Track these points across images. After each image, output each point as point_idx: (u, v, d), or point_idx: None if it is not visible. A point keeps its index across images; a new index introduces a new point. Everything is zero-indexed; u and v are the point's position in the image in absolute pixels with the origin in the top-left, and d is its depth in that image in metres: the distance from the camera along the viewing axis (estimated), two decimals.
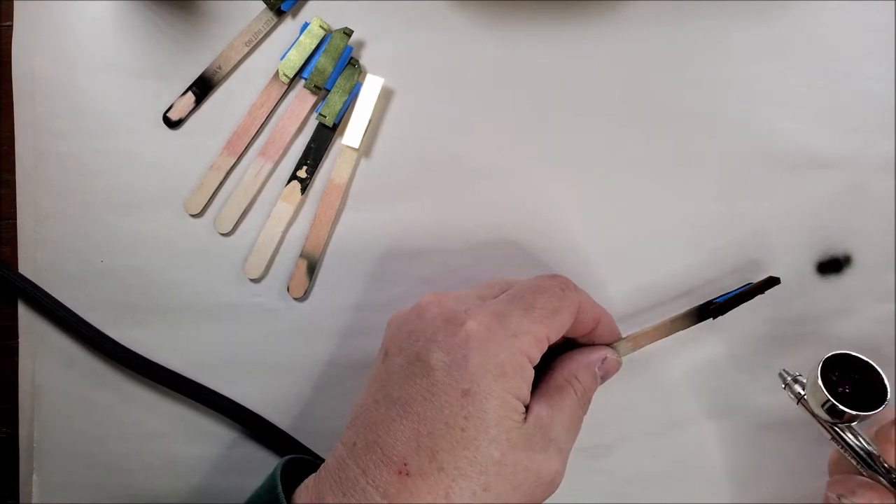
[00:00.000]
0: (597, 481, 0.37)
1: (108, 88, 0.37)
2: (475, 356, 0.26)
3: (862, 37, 0.36)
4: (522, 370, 0.27)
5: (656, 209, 0.36)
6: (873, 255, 0.36)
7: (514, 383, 0.27)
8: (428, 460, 0.25)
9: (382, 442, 0.26)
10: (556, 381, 0.30)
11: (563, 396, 0.29)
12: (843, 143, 0.36)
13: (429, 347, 0.27)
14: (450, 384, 0.26)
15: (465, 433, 0.26)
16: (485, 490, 0.26)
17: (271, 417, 0.36)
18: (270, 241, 0.37)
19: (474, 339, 0.27)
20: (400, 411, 0.27)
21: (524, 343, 0.27)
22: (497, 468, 0.26)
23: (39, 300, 0.36)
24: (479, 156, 0.37)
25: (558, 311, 0.28)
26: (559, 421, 0.28)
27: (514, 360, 0.27)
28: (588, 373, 0.30)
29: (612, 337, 0.32)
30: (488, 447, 0.26)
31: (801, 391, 0.31)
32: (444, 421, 0.26)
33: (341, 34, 0.36)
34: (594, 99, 0.37)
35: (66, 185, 0.37)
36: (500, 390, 0.26)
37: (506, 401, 0.26)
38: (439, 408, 0.26)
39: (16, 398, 0.37)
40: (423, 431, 0.26)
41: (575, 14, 0.37)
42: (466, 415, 0.26)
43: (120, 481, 0.37)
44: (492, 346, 0.27)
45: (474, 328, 0.27)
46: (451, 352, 0.27)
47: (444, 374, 0.26)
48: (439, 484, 0.25)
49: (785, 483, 0.36)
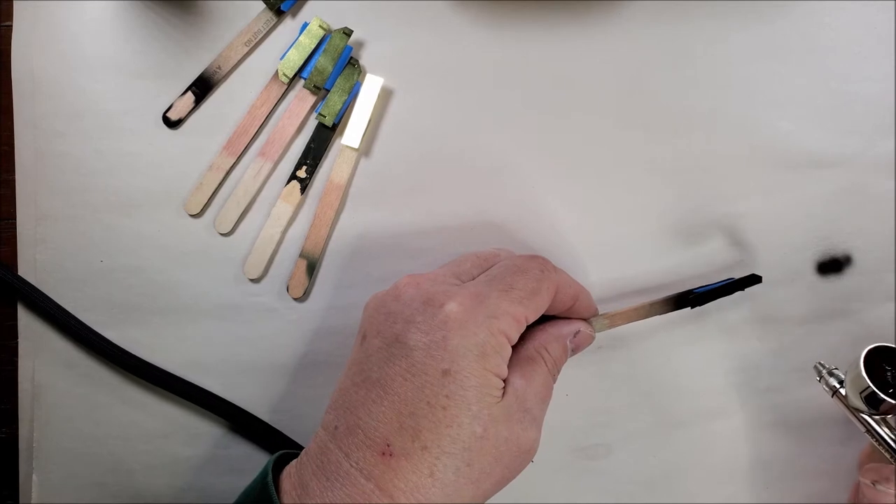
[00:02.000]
0: (597, 481, 0.37)
1: (108, 88, 0.37)
2: (454, 337, 0.27)
3: (862, 37, 0.36)
4: (501, 349, 0.28)
5: (656, 209, 0.36)
6: (873, 255, 0.36)
7: (493, 362, 0.27)
8: (411, 440, 0.26)
9: (364, 424, 0.26)
10: (528, 351, 0.30)
11: (534, 367, 0.30)
12: (843, 143, 0.36)
13: (408, 329, 0.27)
14: (430, 364, 0.26)
15: (447, 412, 0.26)
16: (468, 465, 0.26)
17: (270, 417, 0.36)
18: (270, 241, 0.37)
19: (453, 320, 0.27)
20: (380, 392, 0.27)
21: (503, 323, 0.27)
22: (479, 443, 0.26)
23: (38, 303, 0.36)
24: (479, 155, 0.37)
25: (537, 293, 0.29)
26: (532, 391, 0.29)
27: (492, 339, 0.27)
28: (559, 345, 0.31)
29: (590, 313, 0.33)
30: (470, 424, 0.26)
31: (836, 384, 0.32)
32: (426, 401, 0.26)
33: (341, 34, 0.36)
34: (594, 99, 0.37)
35: (66, 185, 0.37)
36: (479, 369, 0.27)
37: (486, 379, 0.27)
38: (420, 388, 0.26)
39: (16, 398, 0.37)
40: (404, 412, 0.26)
41: (575, 14, 0.37)
42: (447, 394, 0.26)
43: (120, 481, 0.37)
44: (471, 326, 0.27)
45: (453, 309, 0.27)
46: (430, 332, 0.27)
47: (424, 355, 0.27)
48: (423, 462, 0.26)
49: (785, 482, 0.36)
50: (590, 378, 0.36)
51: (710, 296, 0.32)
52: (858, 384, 0.30)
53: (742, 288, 0.32)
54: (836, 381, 0.32)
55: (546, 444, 0.36)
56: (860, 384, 0.30)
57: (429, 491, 0.26)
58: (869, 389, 0.30)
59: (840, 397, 0.32)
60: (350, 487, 0.26)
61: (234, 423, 0.36)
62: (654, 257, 0.36)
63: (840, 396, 0.32)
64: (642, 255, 0.36)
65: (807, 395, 0.36)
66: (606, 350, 0.36)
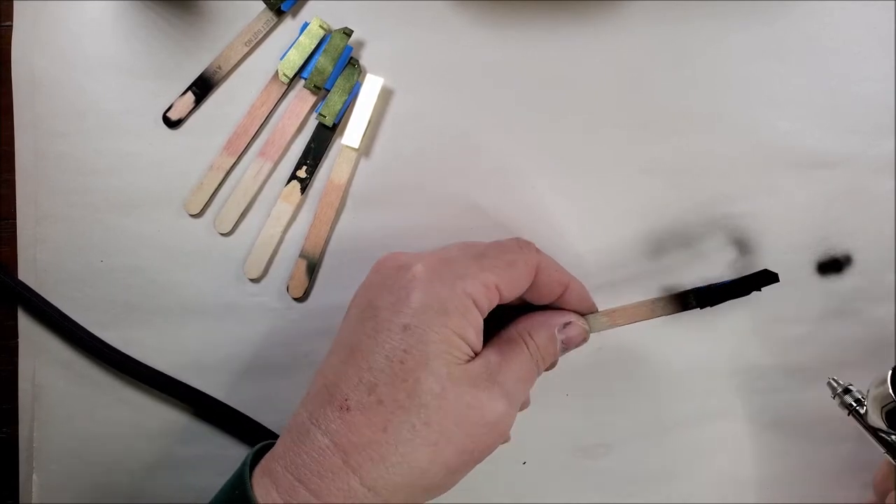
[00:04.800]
0: (597, 481, 0.37)
1: (108, 88, 0.37)
2: (417, 294, 0.27)
3: (862, 37, 0.36)
4: (467, 311, 0.27)
5: (656, 208, 0.36)
6: (873, 255, 0.36)
7: (456, 321, 0.27)
8: (367, 394, 0.26)
9: (330, 384, 0.27)
10: (509, 333, 0.30)
11: (514, 347, 0.29)
12: (843, 143, 0.36)
13: (379, 293, 0.28)
14: (392, 320, 0.27)
15: (405, 365, 0.26)
16: (425, 424, 0.26)
17: (270, 417, 0.36)
18: (270, 240, 0.37)
19: (418, 279, 0.27)
20: (347, 353, 0.27)
21: (469, 286, 0.27)
22: (437, 402, 0.26)
23: (37, 306, 0.36)
24: (479, 155, 0.37)
25: (513, 265, 0.29)
26: (509, 370, 0.28)
27: (457, 299, 0.27)
28: (544, 332, 0.30)
29: (584, 307, 0.32)
30: (427, 379, 0.26)
31: (852, 402, 0.31)
32: (385, 354, 0.26)
33: (341, 34, 0.36)
34: (594, 99, 0.37)
35: (66, 185, 0.37)
36: (440, 326, 0.26)
37: (447, 337, 0.26)
38: (381, 343, 0.26)
39: (16, 398, 0.37)
40: (364, 367, 0.26)
41: (575, 14, 0.37)
42: (406, 348, 0.26)
43: (120, 481, 0.37)
44: (436, 284, 0.27)
45: (420, 269, 0.27)
46: (395, 292, 0.27)
47: (388, 312, 0.27)
48: (378, 416, 0.26)
49: (785, 483, 0.36)
50: (590, 378, 0.36)
51: (723, 295, 0.31)
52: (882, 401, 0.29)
53: (759, 287, 0.30)
54: (852, 400, 0.31)
55: (546, 444, 0.36)
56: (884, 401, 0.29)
57: (382, 447, 0.25)
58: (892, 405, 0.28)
59: (857, 416, 0.30)
60: (309, 445, 0.26)
61: (237, 430, 0.36)
62: (654, 257, 0.36)
63: (857, 415, 0.30)
64: (642, 254, 0.36)
65: (807, 395, 0.36)
66: (606, 350, 0.36)
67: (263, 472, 0.27)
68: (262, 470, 0.27)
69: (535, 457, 0.37)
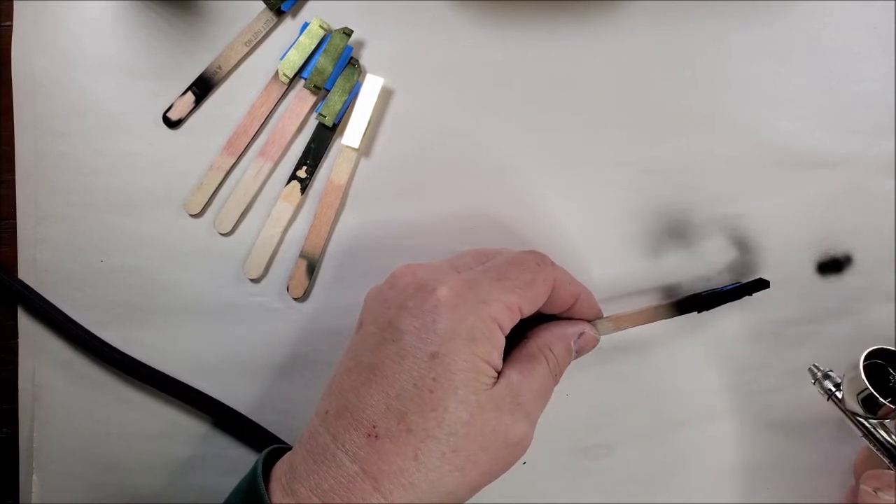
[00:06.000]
0: (597, 481, 0.37)
1: (108, 88, 0.37)
2: (444, 320, 0.27)
3: (862, 37, 0.36)
4: (492, 336, 0.27)
5: (656, 208, 0.36)
6: (873, 255, 0.36)
7: (483, 348, 0.27)
8: (396, 422, 0.26)
9: (352, 407, 0.26)
10: (530, 349, 0.30)
11: (535, 364, 0.29)
12: (843, 143, 0.36)
13: (400, 314, 0.27)
14: (419, 347, 0.26)
15: (434, 395, 0.26)
16: (454, 451, 0.26)
17: (270, 417, 0.36)
18: (270, 241, 0.37)
19: (444, 304, 0.27)
20: (370, 375, 0.27)
21: (494, 310, 0.27)
22: (465, 429, 0.26)
23: (37, 305, 0.36)
24: (479, 155, 0.37)
25: (532, 284, 0.29)
26: (529, 387, 0.28)
27: (483, 325, 0.27)
28: (562, 345, 0.30)
29: (592, 314, 0.32)
30: (457, 408, 0.26)
31: (831, 387, 0.32)
32: (413, 383, 0.26)
33: (341, 34, 0.36)
34: (594, 99, 0.37)
35: (66, 185, 0.37)
36: (468, 354, 0.26)
37: (474, 364, 0.27)
38: (408, 370, 0.26)
39: (16, 398, 0.37)
40: (391, 394, 0.26)
41: (575, 14, 0.37)
42: (435, 377, 0.26)
43: (120, 481, 0.37)
44: (461, 310, 0.27)
45: (444, 293, 0.27)
46: (420, 316, 0.27)
47: (414, 338, 0.27)
48: (408, 445, 0.25)
49: (784, 483, 0.36)
50: (590, 378, 0.36)
51: (717, 301, 0.32)
52: (856, 387, 0.30)
53: (750, 293, 0.32)
54: (831, 385, 0.32)
55: (546, 444, 0.36)
56: (858, 387, 0.30)
57: (413, 475, 0.25)
58: (867, 392, 0.29)
59: (836, 401, 0.31)
60: (335, 469, 0.26)
61: (230, 427, 0.36)
62: (654, 257, 0.36)
63: (836, 400, 0.31)
64: (642, 254, 0.36)
65: (807, 395, 0.36)
66: (606, 350, 0.36)
67: (284, 492, 0.26)
68: (283, 489, 0.26)
69: (535, 457, 0.36)
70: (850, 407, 0.31)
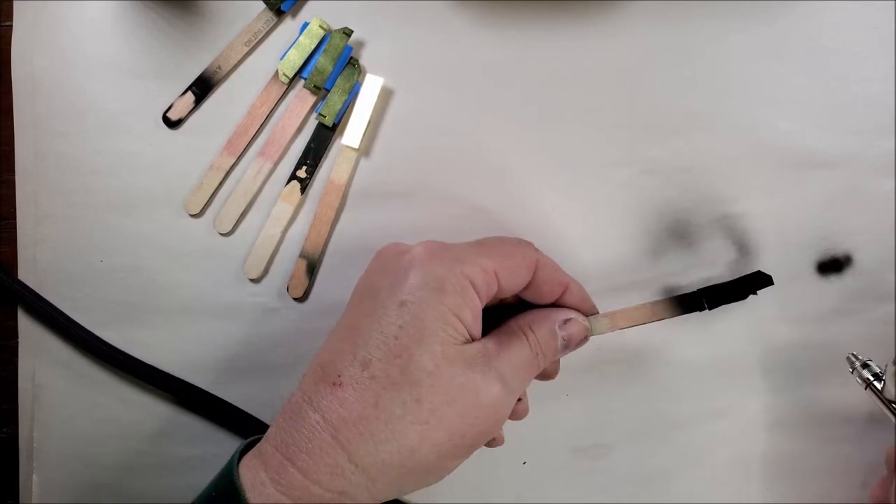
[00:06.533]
0: (597, 481, 0.37)
1: (108, 88, 0.37)
2: (415, 272, 0.27)
3: (862, 37, 0.36)
4: (464, 291, 0.27)
5: (656, 208, 0.36)
6: (873, 255, 0.36)
7: (452, 300, 0.27)
8: (360, 369, 0.26)
9: (325, 362, 0.27)
10: (510, 326, 0.30)
11: (513, 339, 0.29)
12: (843, 143, 0.36)
13: (378, 276, 0.28)
14: (389, 299, 0.27)
15: (399, 341, 0.26)
16: (416, 401, 0.25)
17: (270, 417, 0.36)
18: (270, 240, 0.37)
19: (417, 259, 0.27)
20: (344, 332, 0.27)
21: (467, 267, 0.27)
22: (430, 379, 0.26)
23: (36, 306, 0.36)
24: (479, 155, 0.37)
25: (511, 255, 0.29)
26: (507, 358, 0.28)
27: (455, 279, 0.27)
28: (545, 327, 0.30)
29: (584, 308, 0.31)
30: (421, 356, 0.26)
31: (869, 377, 0.31)
32: (380, 330, 0.26)
33: (341, 34, 0.36)
34: (594, 99, 0.37)
35: (66, 185, 0.37)
36: (436, 303, 0.26)
37: (443, 314, 0.26)
38: (378, 320, 0.26)
39: (16, 398, 0.37)
40: (359, 343, 0.26)
41: (575, 14, 0.37)
42: (401, 324, 0.26)
43: (120, 481, 0.37)
44: (433, 264, 0.27)
45: (418, 251, 0.28)
46: (395, 273, 0.27)
47: (387, 293, 0.27)
48: (369, 391, 0.25)
49: (784, 483, 0.36)
50: (590, 378, 0.36)
51: (721, 299, 0.31)
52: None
53: (754, 291, 0.31)
54: (870, 374, 0.31)
55: (546, 444, 0.36)
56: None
57: (372, 423, 0.25)
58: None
59: (875, 390, 0.31)
60: (300, 422, 0.26)
61: (238, 429, 0.36)
62: (654, 257, 0.36)
63: (875, 389, 0.31)
64: (642, 254, 0.36)
65: (807, 395, 0.36)
66: (606, 351, 0.36)
67: (253, 455, 0.27)
68: (253, 453, 0.27)
69: (535, 457, 0.37)
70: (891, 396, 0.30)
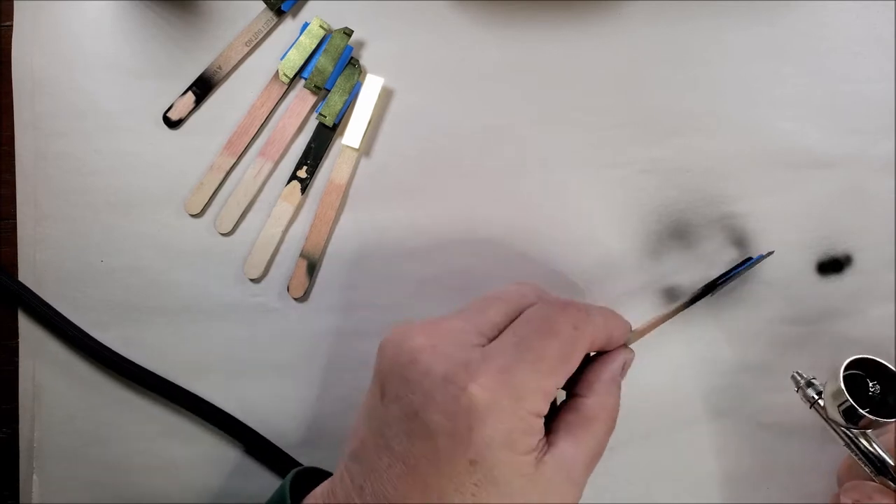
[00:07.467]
0: (597, 481, 0.36)
1: (108, 88, 0.37)
2: (480, 427, 0.25)
3: (862, 37, 0.36)
4: (531, 429, 0.26)
5: (656, 209, 0.36)
6: (873, 255, 0.36)
7: (522, 446, 0.26)
8: None
9: (391, 497, 0.25)
10: (586, 411, 0.28)
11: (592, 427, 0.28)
12: (843, 143, 0.36)
13: (427, 406, 0.25)
14: (455, 453, 0.25)
15: (476, 498, 0.25)
16: None
17: (270, 417, 0.36)
18: (270, 241, 0.37)
19: (478, 409, 0.25)
20: (405, 470, 0.25)
21: (531, 404, 0.26)
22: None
23: (36, 308, 0.36)
24: (479, 155, 0.37)
25: (569, 357, 0.27)
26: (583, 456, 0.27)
27: (521, 424, 0.25)
28: (615, 387, 0.29)
29: (623, 339, 0.30)
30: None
31: (814, 395, 0.31)
32: (454, 488, 0.25)
33: (341, 34, 0.36)
34: (594, 99, 0.37)
35: (66, 185, 0.37)
36: (508, 457, 0.25)
37: (515, 463, 0.25)
38: (448, 476, 0.25)
39: (16, 398, 0.37)
40: (433, 497, 0.25)
41: (575, 14, 0.37)
42: (476, 482, 0.25)
43: (120, 481, 0.37)
44: (496, 413, 0.25)
45: (477, 394, 0.25)
46: (452, 418, 0.25)
47: (448, 442, 0.25)
48: None
49: (786, 484, 0.36)
50: None
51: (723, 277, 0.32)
52: (837, 398, 0.29)
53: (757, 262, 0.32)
54: (814, 392, 0.31)
55: None
56: (839, 398, 0.29)
57: None
58: (847, 404, 0.28)
59: (818, 409, 0.30)
60: None
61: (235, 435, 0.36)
62: (654, 257, 0.36)
63: (818, 408, 0.30)
64: (643, 255, 0.36)
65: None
66: None
67: None
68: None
69: None
70: (831, 416, 0.30)
